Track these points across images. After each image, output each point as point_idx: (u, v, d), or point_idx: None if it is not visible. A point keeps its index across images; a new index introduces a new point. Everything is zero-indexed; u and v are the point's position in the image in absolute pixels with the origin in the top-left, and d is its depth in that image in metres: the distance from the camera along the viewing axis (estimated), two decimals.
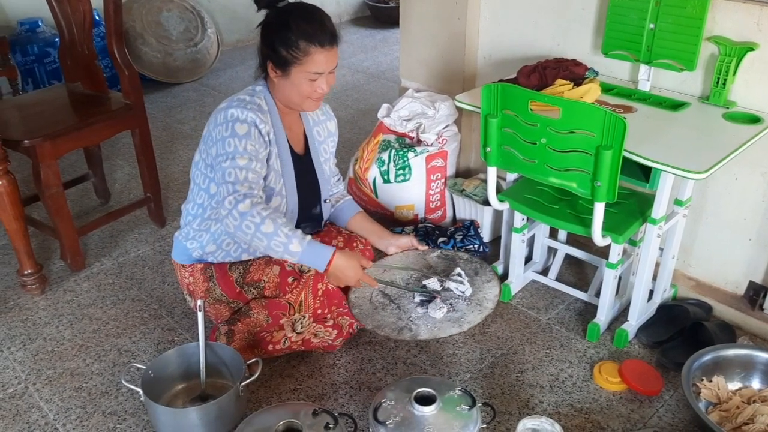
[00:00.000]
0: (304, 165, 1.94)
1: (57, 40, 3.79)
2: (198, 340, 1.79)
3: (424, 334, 1.70)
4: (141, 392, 1.67)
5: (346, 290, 1.91)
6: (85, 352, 2.07)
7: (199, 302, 1.79)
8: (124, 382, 1.73)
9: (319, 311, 1.89)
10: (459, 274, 1.85)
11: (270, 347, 1.89)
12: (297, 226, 1.94)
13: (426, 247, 2.04)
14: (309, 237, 1.71)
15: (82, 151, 2.85)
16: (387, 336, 1.70)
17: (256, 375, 1.72)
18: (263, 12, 1.78)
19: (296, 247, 1.66)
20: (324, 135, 2.01)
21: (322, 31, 1.71)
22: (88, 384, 1.94)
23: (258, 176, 1.71)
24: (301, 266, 1.89)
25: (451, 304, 1.78)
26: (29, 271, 2.31)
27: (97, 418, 1.82)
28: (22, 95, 3.50)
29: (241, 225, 1.64)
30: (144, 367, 1.76)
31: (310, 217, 2.02)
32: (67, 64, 2.60)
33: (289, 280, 1.86)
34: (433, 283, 1.82)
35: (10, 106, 2.56)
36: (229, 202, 1.65)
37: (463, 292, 1.81)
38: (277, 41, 1.71)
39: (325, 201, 2.04)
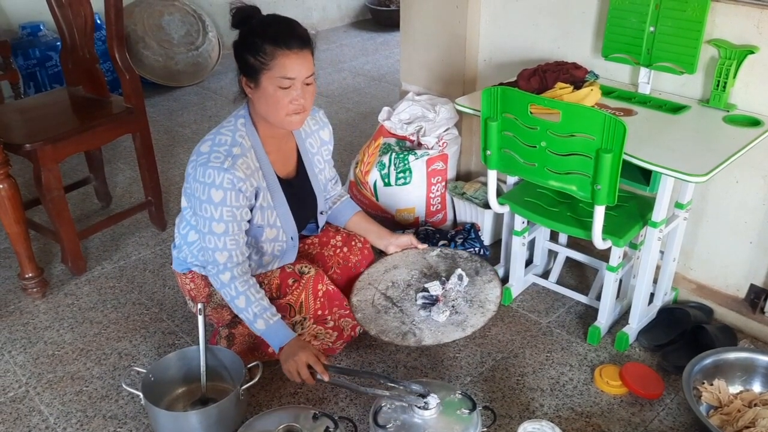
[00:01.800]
0: (296, 185, 1.90)
1: (59, 44, 3.80)
2: (198, 344, 1.79)
3: (428, 340, 1.69)
4: (141, 396, 1.68)
5: (347, 292, 1.91)
6: (86, 356, 2.07)
7: (199, 306, 1.79)
8: (124, 386, 1.73)
9: (320, 312, 1.88)
10: (460, 276, 1.85)
11: (270, 350, 1.89)
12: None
13: (425, 246, 2.04)
14: (277, 318, 1.76)
15: (83, 155, 2.86)
16: (391, 341, 1.70)
17: (257, 378, 1.73)
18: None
19: (260, 326, 1.75)
20: (317, 145, 1.96)
21: (289, 34, 1.65)
22: (89, 388, 1.95)
23: (236, 241, 1.73)
24: (301, 268, 1.89)
25: (453, 307, 1.78)
26: (30, 274, 2.31)
27: (97, 421, 1.83)
28: (24, 99, 3.50)
29: (222, 290, 1.77)
30: (144, 370, 1.77)
31: (307, 230, 2.06)
32: (69, 68, 2.61)
33: (290, 281, 1.86)
34: (434, 287, 1.82)
35: (12, 110, 2.57)
36: (213, 267, 1.75)
37: (461, 291, 1.82)
38: (245, 51, 1.67)
39: (321, 213, 2.03)
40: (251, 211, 1.77)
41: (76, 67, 2.58)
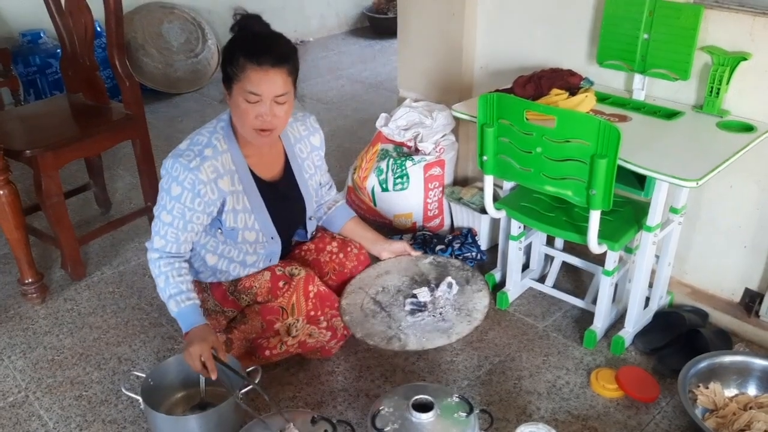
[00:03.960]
0: (281, 190, 1.90)
1: (59, 51, 3.82)
2: None
3: (412, 345, 1.71)
4: (141, 400, 1.68)
5: (339, 293, 1.92)
6: (86, 361, 2.08)
7: None
8: (124, 391, 1.74)
9: (312, 313, 1.90)
10: (449, 284, 1.86)
11: (267, 353, 1.90)
12: (283, 244, 1.96)
13: (419, 253, 2.05)
14: (190, 302, 1.75)
15: (83, 161, 2.87)
16: (376, 345, 1.71)
17: (256, 381, 1.74)
18: None
19: (173, 307, 1.75)
20: (307, 151, 1.96)
21: (264, 50, 1.63)
22: (88, 392, 1.96)
23: (177, 235, 1.75)
24: (291, 270, 1.90)
25: (440, 314, 1.79)
26: (30, 280, 2.32)
27: (97, 426, 1.83)
28: (24, 106, 3.53)
29: (150, 265, 1.79)
30: (144, 375, 1.78)
31: (294, 237, 2.06)
32: (69, 75, 2.63)
33: (280, 284, 1.88)
34: (423, 294, 1.84)
35: (12, 117, 2.59)
36: (149, 244, 1.79)
37: (449, 298, 1.83)
38: (225, 59, 1.69)
39: (309, 218, 2.03)
40: (220, 214, 1.79)
41: (76, 74, 2.60)
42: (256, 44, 1.65)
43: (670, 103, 2.07)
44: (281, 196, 1.90)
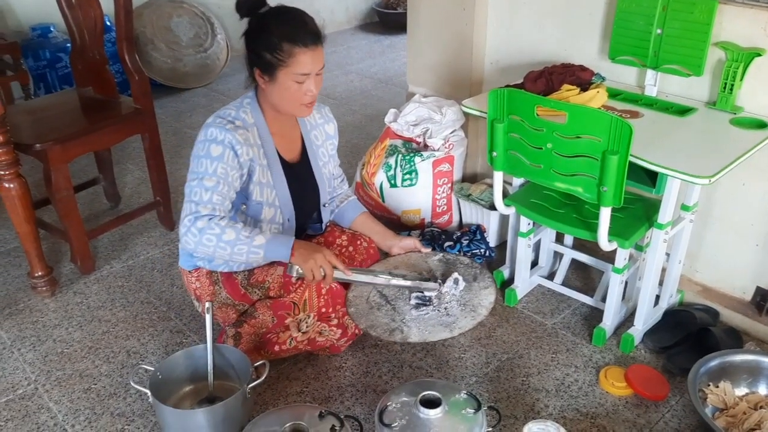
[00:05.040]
0: (298, 172, 1.94)
1: (68, 45, 3.82)
2: (206, 343, 1.81)
3: (414, 337, 1.71)
4: (149, 393, 1.69)
5: (347, 286, 1.92)
6: (95, 354, 2.09)
7: (207, 305, 1.80)
8: (132, 384, 1.75)
9: (323, 310, 1.90)
10: (456, 280, 1.85)
11: (276, 348, 1.90)
12: (297, 233, 1.96)
13: (428, 250, 2.04)
14: (269, 232, 1.77)
15: (92, 155, 2.88)
16: (378, 337, 1.72)
17: (263, 377, 1.74)
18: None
19: (260, 240, 1.71)
20: (322, 138, 2.01)
21: (304, 31, 1.71)
22: (97, 385, 1.96)
23: (223, 198, 1.73)
24: None
25: (445, 309, 1.79)
26: (39, 273, 2.33)
27: (105, 419, 1.84)
28: (34, 99, 3.54)
29: (202, 239, 1.69)
30: (152, 368, 1.78)
31: (309, 222, 2.06)
32: (79, 69, 2.64)
33: (293, 279, 1.88)
34: (429, 288, 1.83)
35: (22, 111, 2.60)
36: (189, 220, 1.70)
37: (455, 294, 1.83)
38: (260, 46, 1.72)
39: (324, 205, 2.05)
40: (248, 185, 1.80)
41: (85, 68, 2.60)
42: (295, 27, 1.71)
43: (682, 100, 2.05)
44: (299, 178, 1.93)
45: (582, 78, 2.05)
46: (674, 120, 1.93)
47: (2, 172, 2.12)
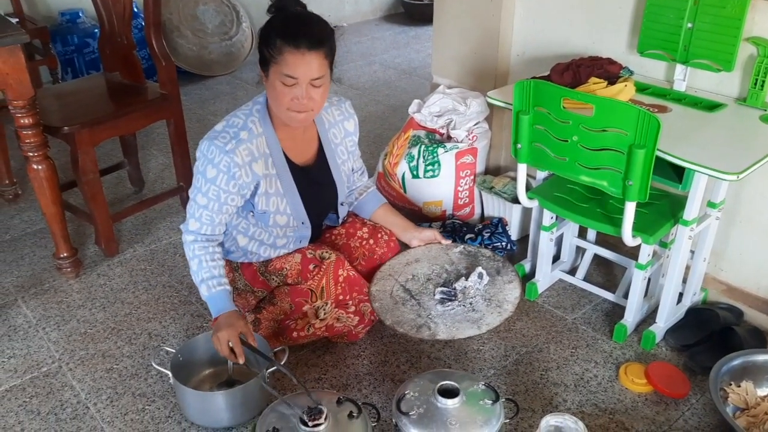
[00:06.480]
0: (313, 175, 1.90)
1: (96, 31, 3.88)
2: None
3: (442, 334, 1.70)
4: (170, 375, 1.71)
5: (368, 279, 1.92)
6: (117, 335, 2.12)
7: (228, 289, 1.82)
8: (154, 365, 1.77)
9: (341, 297, 1.90)
10: (480, 275, 1.84)
11: (295, 334, 1.92)
12: (312, 232, 1.97)
13: (449, 242, 2.03)
14: (221, 288, 1.76)
15: (118, 141, 2.91)
16: (405, 333, 1.71)
17: (282, 362, 1.75)
18: None
19: (203, 292, 1.77)
20: (341, 136, 1.96)
21: (301, 33, 1.62)
22: (119, 366, 1.99)
23: (212, 218, 1.76)
24: (322, 253, 1.91)
25: (470, 304, 1.78)
26: (65, 254, 2.37)
27: (126, 398, 1.87)
28: (62, 83, 3.59)
29: (184, 247, 1.81)
30: (174, 350, 1.81)
31: (325, 221, 2.07)
32: (107, 54, 2.66)
33: (311, 267, 1.88)
34: (459, 283, 1.82)
35: (51, 94, 2.63)
36: (184, 226, 1.81)
37: (480, 289, 1.82)
38: (262, 41, 1.69)
39: (341, 204, 2.04)
40: (253, 197, 1.81)
41: (113, 53, 2.63)
42: (293, 26, 1.65)
43: (712, 95, 2.02)
44: (313, 181, 1.91)
45: (610, 71, 2.03)
46: (703, 115, 1.90)
47: (31, 154, 2.16)
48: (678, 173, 1.86)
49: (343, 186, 2.00)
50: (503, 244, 2.41)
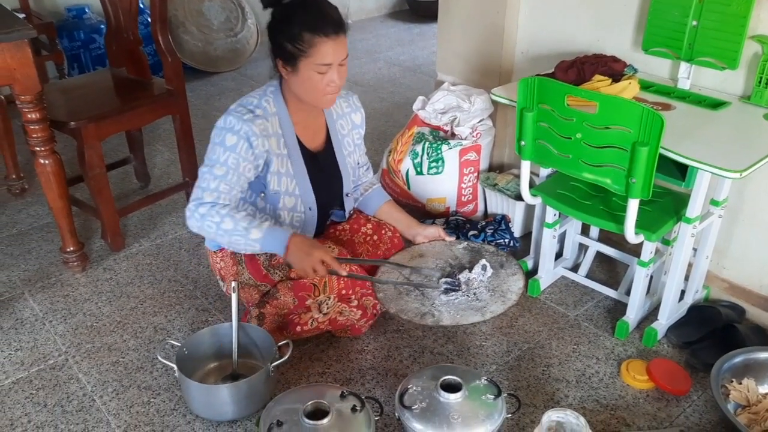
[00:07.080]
0: (321, 161, 1.94)
1: (102, 26, 3.89)
2: (231, 321, 1.84)
3: (446, 320, 1.72)
4: (175, 368, 1.73)
5: (372, 274, 1.94)
6: (123, 329, 2.14)
7: (233, 284, 1.83)
8: (159, 358, 1.79)
9: (344, 292, 1.92)
10: (483, 266, 1.86)
11: (298, 328, 1.93)
12: (318, 222, 1.98)
13: (453, 238, 2.05)
14: (267, 222, 1.76)
15: (124, 136, 2.93)
16: (409, 320, 1.72)
17: (287, 357, 1.77)
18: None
19: (256, 234, 1.74)
20: (348, 128, 2.01)
21: (324, 20, 1.69)
22: (125, 359, 2.01)
23: (230, 188, 1.75)
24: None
25: (474, 294, 1.80)
26: (71, 248, 2.39)
27: (132, 391, 1.89)
28: (69, 79, 3.61)
29: (203, 225, 1.75)
30: (179, 344, 1.82)
31: (331, 212, 2.08)
32: (113, 50, 2.68)
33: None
34: (463, 275, 1.83)
35: (57, 89, 2.65)
36: (194, 205, 1.76)
37: (483, 281, 1.83)
38: (282, 37, 1.71)
39: (347, 195, 2.06)
40: (266, 174, 1.82)
41: (119, 48, 2.65)
42: (315, 16, 1.70)
43: (716, 93, 2.02)
44: (321, 168, 1.94)
45: (614, 69, 2.04)
46: (707, 113, 1.91)
47: (38, 149, 2.18)
48: (681, 171, 1.87)
49: (348, 177, 2.03)
50: (506, 240, 2.42)
